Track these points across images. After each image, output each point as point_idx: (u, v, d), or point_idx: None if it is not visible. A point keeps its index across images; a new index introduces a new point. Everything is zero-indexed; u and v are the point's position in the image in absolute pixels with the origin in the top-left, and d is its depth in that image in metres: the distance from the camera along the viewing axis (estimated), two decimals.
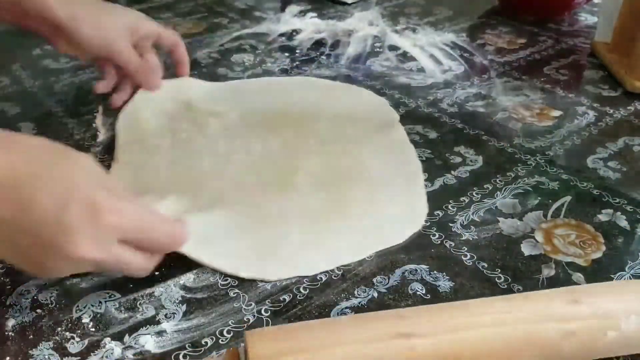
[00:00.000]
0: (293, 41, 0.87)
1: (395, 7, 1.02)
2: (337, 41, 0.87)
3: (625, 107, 0.70)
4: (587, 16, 0.99)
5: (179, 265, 0.45)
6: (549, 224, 0.50)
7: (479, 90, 0.73)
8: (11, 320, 0.40)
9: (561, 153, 0.60)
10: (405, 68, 0.79)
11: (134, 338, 0.39)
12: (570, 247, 0.47)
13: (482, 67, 0.80)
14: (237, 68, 0.78)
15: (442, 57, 0.82)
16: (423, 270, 0.45)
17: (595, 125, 0.66)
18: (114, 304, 0.41)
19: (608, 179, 0.56)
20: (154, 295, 0.42)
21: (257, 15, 0.98)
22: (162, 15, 0.97)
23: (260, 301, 0.42)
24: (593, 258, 0.46)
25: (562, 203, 0.53)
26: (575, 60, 0.83)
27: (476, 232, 0.49)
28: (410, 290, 0.43)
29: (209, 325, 0.40)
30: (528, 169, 0.57)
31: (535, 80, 0.76)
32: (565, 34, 0.92)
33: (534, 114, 0.68)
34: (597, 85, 0.75)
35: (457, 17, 0.98)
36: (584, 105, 0.70)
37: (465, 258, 0.46)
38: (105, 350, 0.38)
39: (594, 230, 0.49)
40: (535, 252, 0.47)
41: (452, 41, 0.87)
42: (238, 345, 0.38)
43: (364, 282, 0.44)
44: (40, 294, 0.42)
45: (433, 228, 0.49)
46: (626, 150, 0.61)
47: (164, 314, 0.41)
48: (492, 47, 0.86)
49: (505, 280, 0.44)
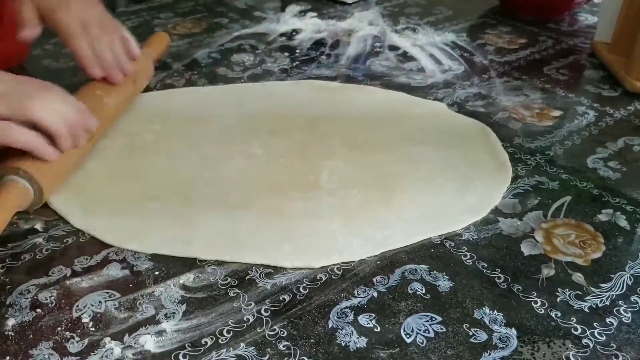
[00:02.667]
0: (293, 41, 0.87)
1: (395, 7, 1.02)
2: (337, 41, 0.87)
3: (625, 107, 0.70)
4: (587, 16, 0.99)
5: (179, 265, 0.45)
6: (549, 223, 0.50)
7: (479, 90, 0.73)
8: (11, 319, 0.40)
9: (561, 153, 0.60)
10: (405, 68, 0.79)
11: (134, 338, 0.39)
12: (570, 247, 0.47)
13: (482, 67, 0.80)
14: (237, 68, 0.78)
15: (442, 57, 0.82)
16: (423, 270, 0.45)
17: (595, 125, 0.66)
18: (114, 303, 0.41)
19: (608, 179, 0.56)
20: (154, 295, 0.42)
21: (257, 15, 0.98)
22: (162, 15, 0.96)
23: (260, 301, 0.42)
24: (593, 258, 0.46)
25: (562, 203, 0.53)
26: (575, 60, 0.83)
27: (476, 232, 0.49)
28: (410, 290, 0.43)
29: (208, 325, 0.40)
30: (528, 169, 0.57)
31: (535, 80, 0.76)
32: (565, 34, 0.92)
33: (534, 114, 0.68)
34: (597, 85, 0.75)
35: (457, 17, 0.98)
36: (584, 105, 0.70)
37: (465, 258, 0.46)
38: (105, 350, 0.38)
39: (593, 230, 0.49)
40: (535, 252, 0.47)
41: (452, 41, 0.87)
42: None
43: (364, 282, 0.44)
44: (40, 294, 0.42)
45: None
46: (626, 150, 0.61)
47: (164, 313, 0.41)
48: (492, 47, 0.86)
49: (505, 280, 0.44)
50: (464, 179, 0.55)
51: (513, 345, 0.39)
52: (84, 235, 0.47)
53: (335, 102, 0.69)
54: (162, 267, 0.45)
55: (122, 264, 0.45)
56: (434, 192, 0.53)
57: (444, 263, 0.46)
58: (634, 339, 0.39)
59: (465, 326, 0.40)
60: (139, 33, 0.87)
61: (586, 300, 0.42)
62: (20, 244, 0.46)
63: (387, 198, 0.52)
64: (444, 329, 0.40)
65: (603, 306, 0.42)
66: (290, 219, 0.50)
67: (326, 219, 0.50)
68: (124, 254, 0.46)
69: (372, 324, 0.40)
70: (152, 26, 0.90)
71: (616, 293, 0.43)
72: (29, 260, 0.45)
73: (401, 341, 0.39)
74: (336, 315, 0.41)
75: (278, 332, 0.39)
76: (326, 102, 0.69)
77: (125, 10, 0.98)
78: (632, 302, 0.42)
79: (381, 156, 0.58)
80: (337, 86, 0.73)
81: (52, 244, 0.46)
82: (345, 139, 0.61)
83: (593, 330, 0.40)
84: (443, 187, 0.54)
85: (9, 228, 0.48)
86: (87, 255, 0.45)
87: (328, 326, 0.40)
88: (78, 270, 0.44)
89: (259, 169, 0.56)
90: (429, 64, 0.80)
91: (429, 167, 0.57)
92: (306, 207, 0.51)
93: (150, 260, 0.45)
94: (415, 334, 0.39)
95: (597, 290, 0.43)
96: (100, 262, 0.45)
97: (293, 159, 0.57)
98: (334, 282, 0.44)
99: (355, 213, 0.50)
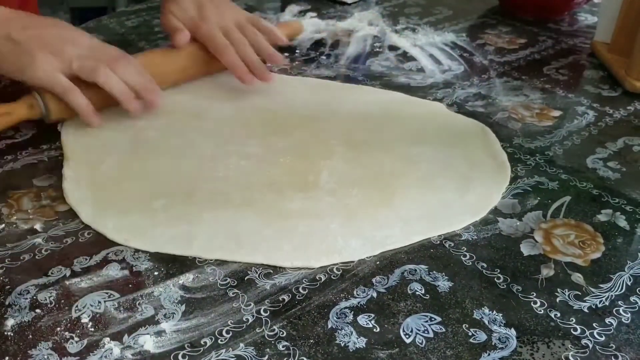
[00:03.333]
0: (293, 41, 0.87)
1: (395, 7, 1.02)
2: (337, 41, 0.87)
3: (625, 107, 0.69)
4: (587, 16, 0.99)
5: (178, 265, 0.45)
6: (549, 224, 0.50)
7: (478, 90, 0.73)
8: (10, 320, 0.40)
9: (561, 153, 0.60)
10: (405, 68, 0.79)
11: (133, 338, 0.39)
12: (569, 247, 0.47)
13: (482, 67, 0.80)
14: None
15: (442, 57, 0.82)
16: (422, 270, 0.45)
17: (595, 125, 0.66)
18: (113, 303, 0.41)
19: (608, 179, 0.56)
20: (153, 295, 0.42)
21: (257, 15, 0.98)
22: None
23: (259, 301, 0.42)
24: (592, 258, 0.46)
25: (561, 203, 0.53)
26: (575, 60, 0.83)
27: (475, 232, 0.49)
28: (410, 290, 0.43)
29: (208, 325, 0.40)
30: (528, 169, 0.57)
31: (535, 80, 0.76)
32: (565, 34, 0.92)
33: (533, 114, 0.68)
34: (597, 85, 0.75)
35: (457, 17, 0.98)
36: (583, 105, 0.70)
37: (464, 258, 0.46)
38: (104, 350, 0.38)
39: (593, 231, 0.49)
40: (535, 252, 0.47)
41: (452, 41, 0.87)
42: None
43: (363, 282, 0.44)
44: (39, 294, 0.42)
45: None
46: (626, 150, 0.61)
47: (163, 314, 0.41)
48: (492, 47, 0.86)
49: (505, 280, 0.44)
50: (463, 179, 0.55)
51: (512, 345, 0.39)
52: (84, 236, 0.47)
53: (335, 101, 0.69)
54: (161, 267, 0.45)
55: (122, 264, 0.45)
56: (433, 192, 0.53)
57: (444, 263, 0.46)
58: (633, 340, 0.39)
59: (464, 326, 0.40)
60: (139, 33, 0.87)
61: (586, 300, 0.42)
62: (20, 244, 0.46)
63: (386, 198, 0.52)
64: (443, 329, 0.40)
65: (602, 306, 0.42)
66: (290, 219, 0.50)
67: (326, 219, 0.50)
68: (123, 254, 0.46)
69: (372, 324, 0.40)
70: (152, 26, 0.90)
71: (616, 293, 0.43)
72: (28, 261, 0.45)
73: (400, 341, 0.39)
74: (335, 315, 0.41)
75: (277, 332, 0.39)
76: (325, 101, 0.69)
77: (125, 10, 0.98)
78: (632, 302, 0.42)
79: (381, 156, 0.58)
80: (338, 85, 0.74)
81: (51, 244, 0.46)
82: (345, 139, 0.61)
83: (592, 331, 0.40)
84: (442, 187, 0.54)
85: (9, 228, 0.48)
86: (86, 255, 0.45)
87: (327, 326, 0.40)
88: (77, 270, 0.44)
89: (259, 168, 0.56)
90: (429, 64, 0.80)
91: (428, 167, 0.57)
92: (306, 206, 0.51)
93: (150, 260, 0.45)
94: (415, 334, 0.39)
95: (597, 291, 0.43)
96: (100, 262, 0.45)
97: (292, 158, 0.57)
98: (333, 282, 0.44)
99: (354, 213, 0.50)
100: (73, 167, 0.55)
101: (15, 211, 0.50)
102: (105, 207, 0.50)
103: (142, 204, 0.51)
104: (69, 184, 0.53)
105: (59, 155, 0.57)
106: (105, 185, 0.53)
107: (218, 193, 0.52)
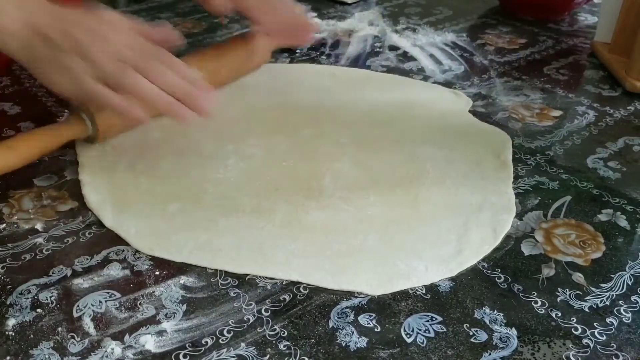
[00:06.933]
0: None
1: (395, 7, 1.02)
2: (337, 41, 0.87)
3: (625, 107, 0.70)
4: (587, 16, 0.99)
5: (179, 265, 0.45)
6: (549, 223, 0.50)
7: (479, 90, 0.73)
8: (11, 319, 0.40)
9: (561, 153, 0.60)
10: (405, 68, 0.79)
11: (134, 338, 0.39)
12: (570, 247, 0.47)
13: (483, 67, 0.80)
14: None
15: (442, 57, 0.82)
16: None
17: (595, 125, 0.66)
18: (114, 303, 0.41)
19: (608, 179, 0.56)
20: (154, 294, 0.42)
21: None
22: (162, 15, 0.96)
23: (260, 301, 0.42)
24: (593, 258, 0.46)
25: (562, 203, 0.53)
26: (575, 60, 0.83)
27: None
28: (410, 290, 0.43)
29: (209, 325, 0.40)
30: (528, 169, 0.57)
31: (535, 80, 0.76)
32: (565, 34, 0.92)
33: (534, 114, 0.68)
34: (597, 85, 0.75)
35: (457, 17, 0.98)
36: (584, 105, 0.70)
37: None
38: (105, 350, 0.38)
39: (593, 230, 0.49)
40: (535, 252, 0.47)
41: (452, 41, 0.87)
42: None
43: None
44: (40, 294, 0.42)
45: None
46: (626, 150, 0.61)
47: (164, 313, 0.41)
48: (492, 47, 0.86)
49: (505, 279, 0.44)
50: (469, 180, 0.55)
51: (513, 345, 0.39)
52: (84, 235, 0.47)
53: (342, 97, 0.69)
54: (162, 267, 0.45)
55: (123, 264, 0.45)
56: (455, 195, 0.52)
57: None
58: (634, 339, 0.39)
59: (465, 326, 0.40)
60: None
61: (586, 300, 0.42)
62: (21, 244, 0.46)
63: (410, 206, 0.51)
64: (444, 329, 0.40)
65: (603, 306, 0.42)
66: (313, 232, 0.48)
67: (358, 234, 0.47)
68: (124, 254, 0.46)
69: (373, 324, 0.40)
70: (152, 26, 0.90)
71: (616, 293, 0.43)
72: (29, 260, 0.45)
73: (401, 341, 0.39)
74: (336, 315, 0.41)
75: (278, 332, 0.39)
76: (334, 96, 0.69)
77: (125, 10, 0.98)
78: (633, 302, 0.42)
79: (389, 157, 0.57)
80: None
81: (52, 244, 0.46)
82: (354, 138, 0.61)
83: (593, 330, 0.40)
84: (456, 190, 0.53)
85: (10, 228, 0.48)
86: (87, 255, 0.45)
87: (328, 326, 0.40)
88: (78, 270, 0.44)
89: (259, 170, 0.56)
90: (429, 64, 0.80)
91: (441, 168, 0.56)
92: (325, 218, 0.49)
93: (151, 260, 0.45)
94: (416, 334, 0.39)
95: (598, 290, 0.43)
96: (101, 262, 0.45)
97: (297, 161, 0.57)
98: None
99: (385, 225, 0.48)
100: (89, 173, 0.54)
101: (16, 211, 0.50)
102: (124, 211, 0.50)
103: (158, 208, 0.50)
104: (87, 190, 0.52)
105: (59, 155, 0.57)
106: (121, 189, 0.53)
107: (224, 198, 0.52)
